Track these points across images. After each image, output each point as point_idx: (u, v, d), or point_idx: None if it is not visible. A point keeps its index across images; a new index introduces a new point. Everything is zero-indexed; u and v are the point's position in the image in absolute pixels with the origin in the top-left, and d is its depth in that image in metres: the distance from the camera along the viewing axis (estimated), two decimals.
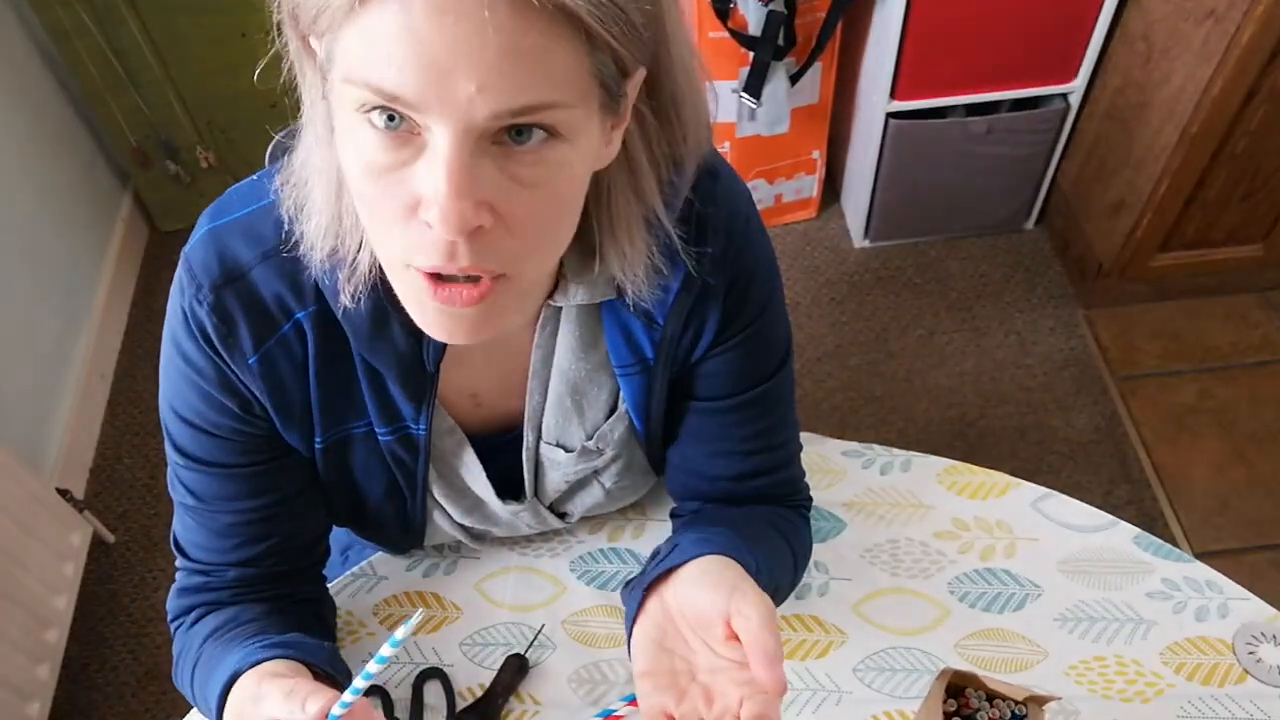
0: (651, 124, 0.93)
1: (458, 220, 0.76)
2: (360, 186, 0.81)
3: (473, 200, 0.76)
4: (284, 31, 0.84)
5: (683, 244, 1.01)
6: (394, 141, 0.77)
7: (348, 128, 0.79)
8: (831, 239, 3.40)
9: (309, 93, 0.88)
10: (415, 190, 0.78)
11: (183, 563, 1.20)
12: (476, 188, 0.76)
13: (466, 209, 0.76)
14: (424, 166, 0.77)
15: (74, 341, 3.02)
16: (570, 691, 1.29)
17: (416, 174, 0.78)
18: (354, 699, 0.87)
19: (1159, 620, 1.32)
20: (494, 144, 0.77)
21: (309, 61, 0.85)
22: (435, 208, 0.76)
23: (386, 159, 0.78)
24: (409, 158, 0.78)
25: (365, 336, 1.02)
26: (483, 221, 0.78)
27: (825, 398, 3.01)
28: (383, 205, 0.80)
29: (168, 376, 1.08)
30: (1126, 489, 2.78)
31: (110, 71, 3.03)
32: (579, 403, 1.16)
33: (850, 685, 1.29)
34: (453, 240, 0.78)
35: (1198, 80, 2.51)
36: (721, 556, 0.97)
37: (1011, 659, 1.30)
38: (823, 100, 3.08)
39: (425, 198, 0.77)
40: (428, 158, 0.77)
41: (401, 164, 0.78)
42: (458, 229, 0.76)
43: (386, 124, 0.76)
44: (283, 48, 0.86)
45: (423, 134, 0.76)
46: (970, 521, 1.42)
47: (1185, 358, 3.04)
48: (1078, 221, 3.16)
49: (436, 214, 0.76)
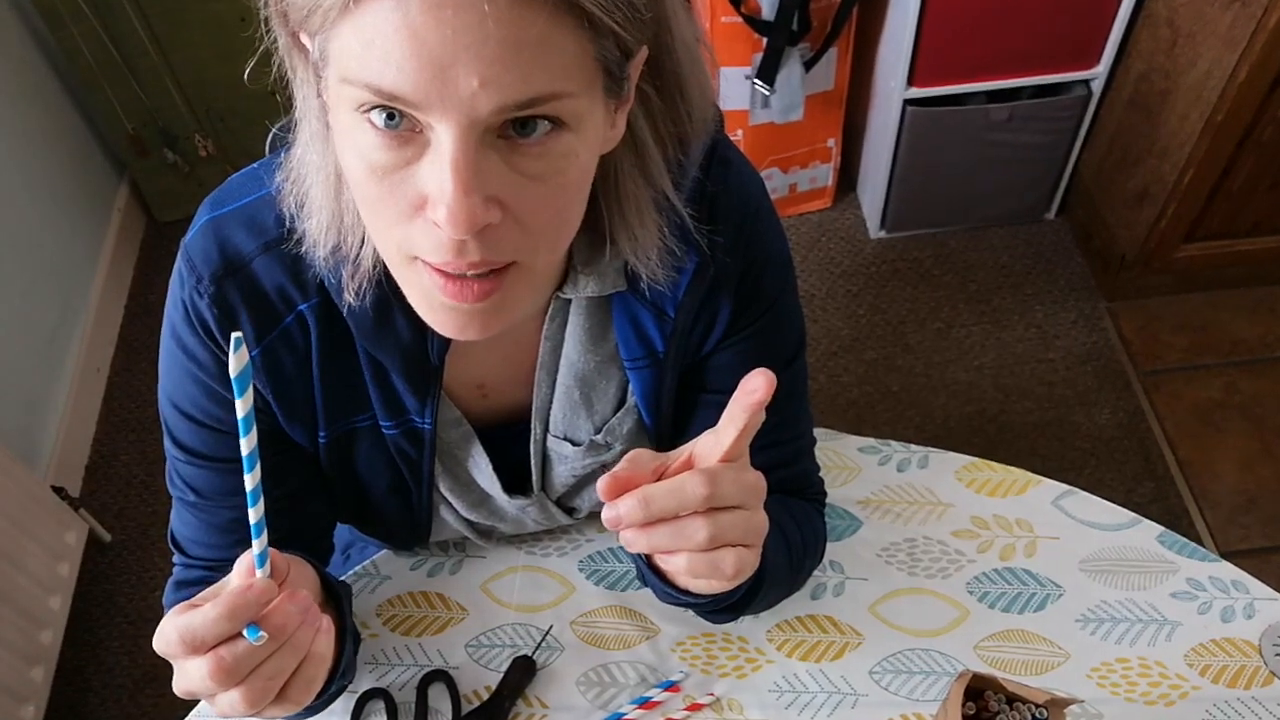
0: (655, 103, 0.93)
1: (467, 219, 0.76)
2: (363, 187, 0.81)
3: (481, 197, 0.76)
4: (272, 28, 0.84)
5: (695, 223, 1.01)
6: (396, 141, 0.77)
7: (347, 128, 0.79)
8: (847, 229, 3.39)
9: (301, 89, 0.88)
10: (420, 189, 0.78)
11: (180, 559, 1.20)
12: (484, 184, 0.76)
13: (475, 206, 0.76)
14: (428, 165, 0.77)
15: (69, 335, 3.02)
16: (579, 694, 1.29)
17: (421, 173, 0.77)
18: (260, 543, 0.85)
19: (1183, 621, 1.32)
20: (499, 138, 0.77)
21: (300, 58, 0.85)
22: (443, 207, 0.76)
23: (389, 159, 0.78)
24: (412, 156, 0.77)
25: (368, 329, 1.02)
26: (492, 218, 0.78)
27: (840, 392, 3.01)
28: (386, 205, 0.80)
29: (167, 370, 1.08)
30: (1150, 486, 2.78)
31: (106, 58, 3.03)
32: (587, 396, 1.16)
33: (866, 688, 1.29)
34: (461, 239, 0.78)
35: (1224, 66, 2.50)
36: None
37: (1032, 661, 1.30)
38: (838, 87, 3.08)
39: (431, 197, 0.77)
40: (432, 156, 0.77)
41: (405, 163, 0.78)
42: (467, 228, 0.76)
43: (386, 123, 0.76)
44: (272, 44, 0.86)
45: (425, 132, 0.76)
46: (989, 520, 1.42)
47: (1211, 351, 3.04)
48: (1100, 211, 3.15)
49: (444, 214, 0.76)
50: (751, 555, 0.88)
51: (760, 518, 0.88)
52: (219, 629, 0.82)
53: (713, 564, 0.85)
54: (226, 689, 0.84)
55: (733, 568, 0.86)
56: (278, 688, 0.88)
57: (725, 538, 0.84)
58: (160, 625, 0.86)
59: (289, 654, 0.87)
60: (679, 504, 0.82)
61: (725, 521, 0.84)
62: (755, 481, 0.86)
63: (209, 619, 0.82)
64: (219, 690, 0.84)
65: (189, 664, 0.84)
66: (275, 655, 0.86)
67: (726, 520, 0.84)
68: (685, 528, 0.83)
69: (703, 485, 0.82)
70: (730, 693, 1.29)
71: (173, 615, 0.84)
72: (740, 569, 0.86)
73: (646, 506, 0.82)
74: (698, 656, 1.32)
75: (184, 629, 0.82)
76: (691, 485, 0.82)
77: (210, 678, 0.83)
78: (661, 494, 0.82)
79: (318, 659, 0.90)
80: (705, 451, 0.85)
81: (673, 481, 0.83)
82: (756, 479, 0.87)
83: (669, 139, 0.96)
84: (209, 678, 0.83)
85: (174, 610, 0.85)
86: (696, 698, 1.28)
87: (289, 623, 0.85)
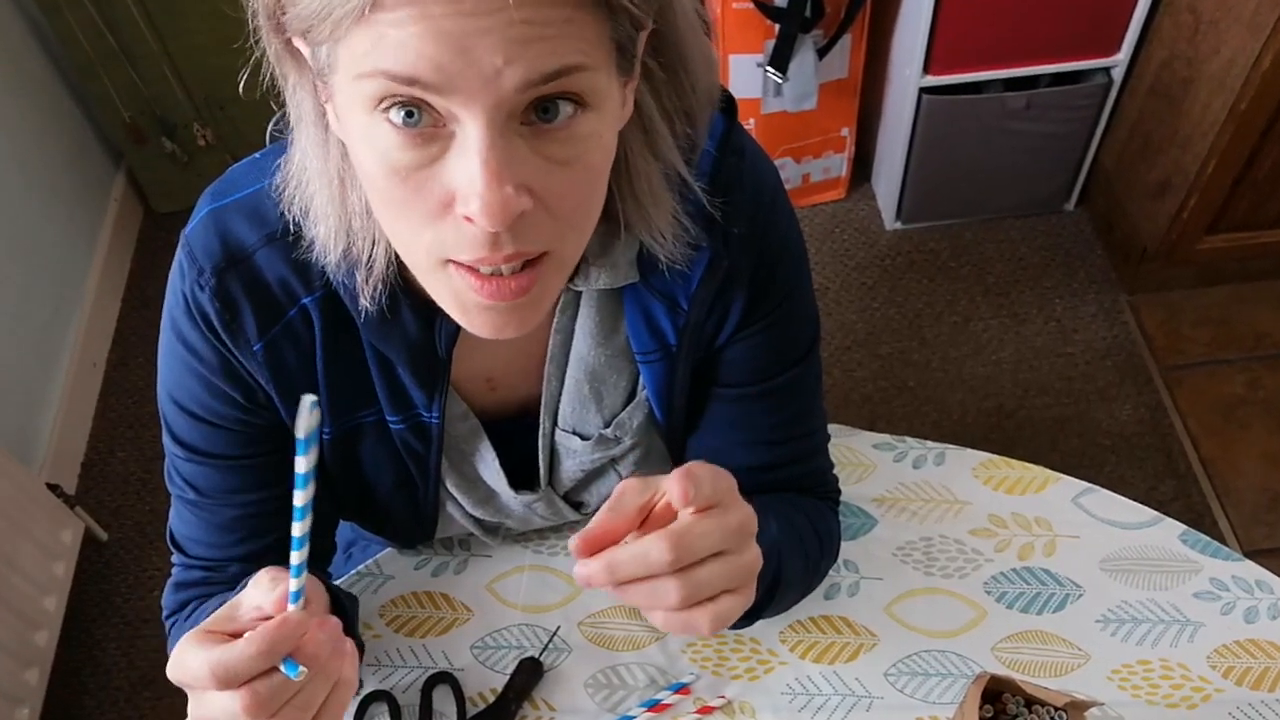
0: (660, 78, 0.93)
1: (500, 209, 0.75)
2: (385, 190, 0.80)
3: (513, 185, 0.76)
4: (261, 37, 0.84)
5: (707, 196, 1.00)
6: (418, 139, 0.76)
7: (364, 130, 0.78)
8: (862, 221, 3.39)
9: (294, 95, 0.88)
10: (448, 186, 0.78)
11: (180, 559, 1.20)
12: (514, 172, 0.76)
13: (508, 195, 0.75)
14: (455, 158, 0.77)
15: (64, 329, 3.03)
16: (587, 697, 1.30)
17: (448, 168, 0.77)
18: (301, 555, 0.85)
19: (1206, 622, 1.32)
20: (524, 124, 0.77)
21: (293, 65, 0.85)
22: (475, 199, 0.75)
23: (412, 158, 0.77)
24: (437, 153, 0.77)
25: (374, 323, 1.02)
26: (524, 207, 0.78)
27: (855, 387, 3.01)
28: (412, 206, 0.80)
29: (167, 364, 1.09)
30: (1172, 484, 2.78)
31: (103, 44, 3.03)
32: (597, 390, 1.16)
33: (881, 690, 1.29)
34: (495, 231, 0.78)
35: (1248, 53, 2.49)
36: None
37: (1051, 662, 1.30)
38: (852, 75, 3.07)
39: (461, 190, 0.77)
40: (458, 149, 0.76)
41: (430, 160, 0.77)
42: (501, 219, 0.76)
43: (405, 120, 0.75)
44: (261, 54, 0.86)
45: (448, 125, 0.76)
46: (1008, 518, 1.42)
47: (1234, 345, 3.04)
48: (1120, 202, 3.15)
49: (478, 206, 0.75)
50: (739, 599, 0.86)
51: (749, 557, 0.86)
52: (256, 665, 0.82)
53: (686, 623, 0.84)
54: None
55: (709, 624, 0.84)
56: (310, 717, 0.88)
57: (702, 594, 0.82)
58: (179, 655, 0.85)
59: (321, 683, 0.87)
60: (645, 568, 0.80)
61: (702, 578, 0.82)
62: (740, 522, 0.84)
63: (247, 655, 0.81)
64: None
65: (218, 697, 0.84)
66: (308, 686, 0.86)
67: (704, 575, 0.82)
68: (657, 589, 0.81)
69: (667, 551, 0.79)
70: (742, 695, 1.29)
71: (197, 647, 0.84)
72: (719, 622, 0.85)
73: (612, 573, 0.80)
74: (709, 658, 1.32)
75: (216, 664, 0.81)
76: (656, 552, 0.80)
77: (244, 712, 0.82)
78: (626, 560, 0.80)
79: (347, 684, 0.91)
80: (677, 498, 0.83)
81: (637, 546, 0.81)
82: (741, 519, 0.84)
83: (675, 113, 0.96)
84: (243, 712, 0.82)
85: (193, 640, 0.85)
86: (707, 700, 1.28)
87: (321, 652, 0.85)
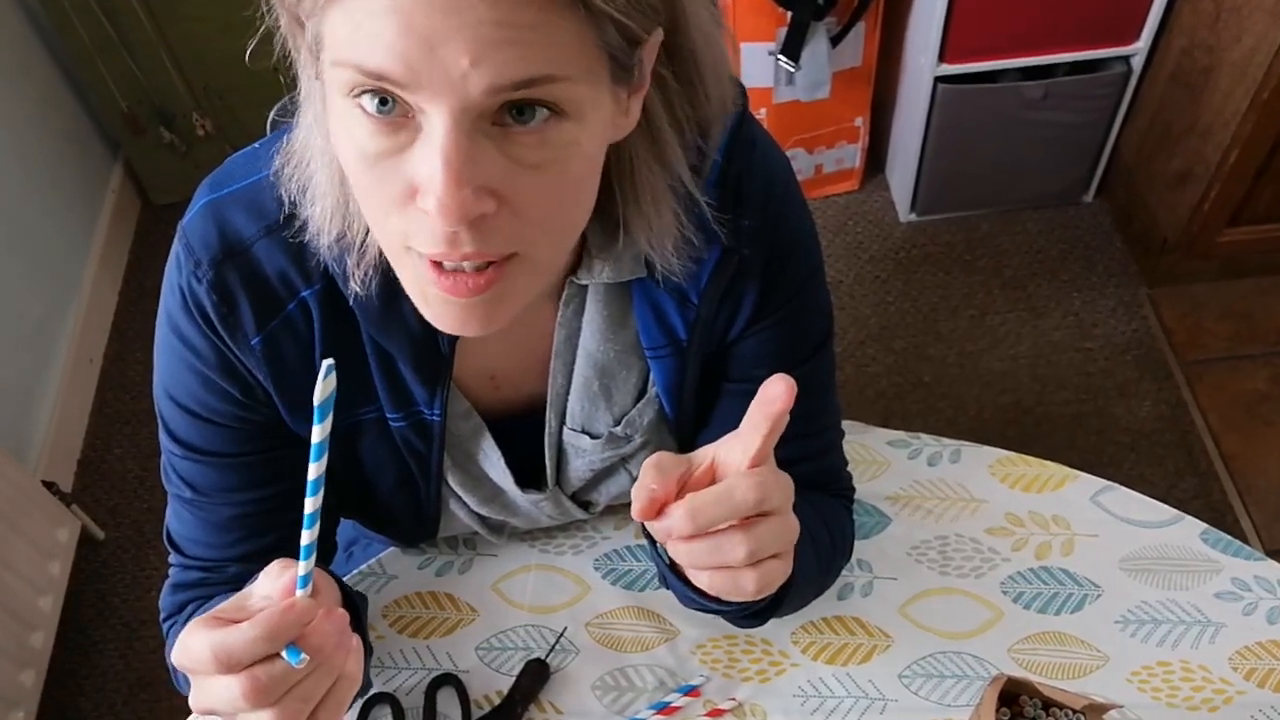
0: (673, 87, 0.93)
1: (457, 210, 0.76)
2: (355, 173, 0.82)
3: (472, 187, 0.76)
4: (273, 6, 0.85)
5: (713, 211, 1.00)
6: (387, 127, 0.77)
7: (340, 113, 0.80)
8: (876, 212, 3.39)
9: (304, 70, 0.89)
10: (411, 177, 0.78)
11: (177, 559, 1.20)
12: (476, 173, 0.77)
13: (466, 197, 0.76)
14: (419, 152, 0.77)
15: (60, 323, 3.03)
16: (594, 699, 1.30)
17: (413, 160, 0.78)
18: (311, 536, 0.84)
19: (1228, 622, 1.32)
20: (494, 124, 0.77)
21: (301, 38, 0.85)
22: (432, 196, 0.76)
23: (380, 145, 0.78)
24: (405, 142, 0.78)
25: (375, 317, 1.02)
26: (485, 209, 0.78)
27: (869, 383, 3.00)
28: (379, 192, 0.81)
29: (163, 360, 1.09)
30: (1193, 481, 2.78)
31: (100, 32, 3.03)
32: (607, 387, 1.16)
33: (896, 693, 1.29)
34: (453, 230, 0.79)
35: (1270, 41, 2.49)
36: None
37: (1069, 664, 1.30)
38: (866, 63, 3.07)
39: (422, 185, 0.78)
40: (423, 142, 0.77)
41: (398, 149, 0.78)
42: (458, 218, 0.76)
43: (378, 108, 0.76)
44: (274, 23, 0.86)
45: (417, 117, 0.77)
46: (1025, 516, 1.41)
47: (1256, 340, 3.03)
48: (1140, 194, 3.14)
49: (434, 203, 0.76)
50: (782, 565, 0.87)
51: (793, 521, 0.87)
52: (257, 649, 0.81)
53: (736, 583, 0.85)
54: (258, 710, 0.83)
55: (755, 585, 0.85)
56: (310, 710, 0.87)
57: (765, 551, 0.84)
58: (183, 639, 0.85)
59: (324, 675, 0.86)
60: (730, 511, 0.81)
61: (763, 533, 0.83)
62: (790, 483, 0.86)
63: (248, 638, 0.81)
64: (249, 711, 0.83)
65: (218, 682, 0.83)
66: (310, 677, 0.85)
67: (764, 531, 0.83)
68: (723, 544, 0.82)
69: (754, 490, 0.81)
70: (753, 698, 1.29)
71: (201, 630, 0.83)
72: (766, 585, 0.86)
73: (694, 517, 0.81)
74: (719, 660, 1.32)
75: (218, 646, 0.81)
76: (742, 492, 0.81)
77: (244, 698, 0.82)
78: (709, 504, 0.81)
79: (350, 680, 0.90)
80: (729, 457, 0.85)
81: (720, 489, 0.82)
82: (789, 481, 0.86)
83: (687, 123, 0.96)
84: (242, 698, 0.82)
85: (199, 624, 0.84)
86: (718, 703, 1.28)
87: (326, 643, 0.85)
